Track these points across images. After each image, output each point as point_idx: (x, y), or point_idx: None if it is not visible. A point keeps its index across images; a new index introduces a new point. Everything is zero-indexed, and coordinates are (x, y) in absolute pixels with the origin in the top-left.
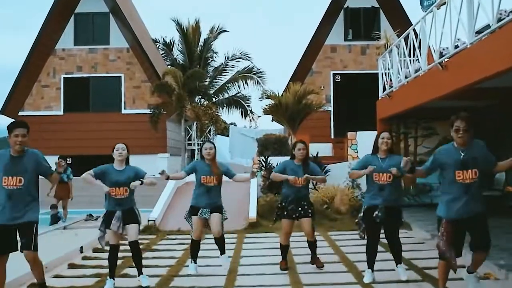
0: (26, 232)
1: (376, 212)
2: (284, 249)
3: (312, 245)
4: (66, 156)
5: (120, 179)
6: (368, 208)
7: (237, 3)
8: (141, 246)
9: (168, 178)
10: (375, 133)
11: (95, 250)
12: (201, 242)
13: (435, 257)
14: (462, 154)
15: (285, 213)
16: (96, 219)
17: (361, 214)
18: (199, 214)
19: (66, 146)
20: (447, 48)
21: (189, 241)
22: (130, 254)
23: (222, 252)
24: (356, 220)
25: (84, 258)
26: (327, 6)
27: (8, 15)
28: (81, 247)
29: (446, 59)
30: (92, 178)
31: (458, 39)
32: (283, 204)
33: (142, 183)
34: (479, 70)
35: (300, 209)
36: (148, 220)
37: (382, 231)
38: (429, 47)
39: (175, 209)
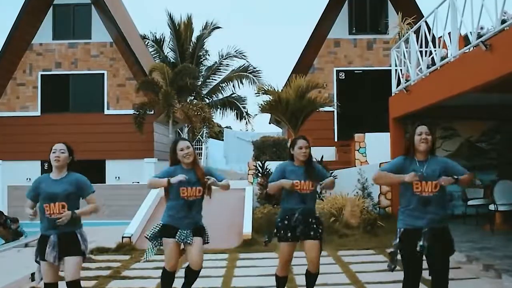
0: None
1: (421, 243)
2: (282, 282)
3: (313, 279)
4: (44, 161)
5: (55, 190)
6: (408, 232)
7: (233, 1)
8: (108, 272)
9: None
10: (385, 134)
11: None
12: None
13: None
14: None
15: (289, 234)
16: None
17: (397, 240)
18: (177, 237)
19: (44, 150)
20: (487, 27)
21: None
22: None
23: None
24: (390, 250)
25: None
26: None
27: None
28: (32, 274)
29: (487, 39)
30: (30, 210)
31: (505, 12)
32: (286, 222)
33: (73, 214)
34: None
35: (307, 229)
36: (123, 237)
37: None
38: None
39: (157, 223)
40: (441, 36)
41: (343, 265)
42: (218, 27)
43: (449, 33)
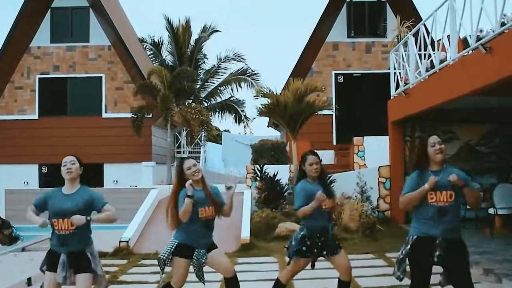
0: None
1: (437, 253)
2: None
3: (347, 286)
4: (42, 165)
5: (65, 206)
6: (421, 239)
7: (231, 4)
8: (106, 276)
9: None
10: (384, 138)
11: None
12: None
13: None
14: None
15: (313, 251)
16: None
17: (408, 247)
18: (195, 258)
19: (41, 154)
20: (487, 30)
21: (167, 268)
22: None
23: None
24: (399, 257)
25: None
26: (329, 0)
27: None
28: (29, 279)
29: (486, 42)
30: (34, 215)
31: (505, 15)
32: (313, 240)
33: (89, 220)
34: None
35: (335, 242)
36: (120, 241)
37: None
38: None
39: (155, 226)
40: (440, 39)
41: None
42: (217, 31)
43: (448, 36)
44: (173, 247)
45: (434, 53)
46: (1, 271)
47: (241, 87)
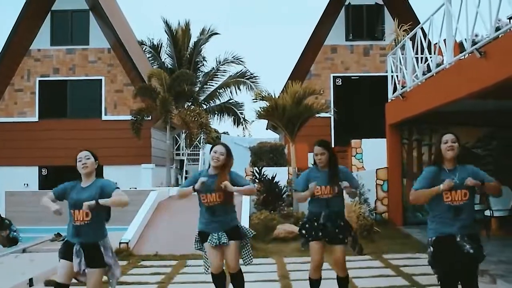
0: None
1: (467, 247)
2: (316, 285)
3: (344, 282)
4: (42, 167)
5: (81, 197)
6: (440, 239)
7: (231, 6)
8: (104, 278)
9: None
10: (382, 140)
11: (48, 283)
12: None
13: None
14: None
15: (318, 233)
16: (64, 240)
17: (430, 249)
18: (209, 241)
19: (41, 156)
20: (482, 35)
21: (167, 269)
22: None
23: None
24: (429, 261)
25: None
26: (327, 3)
27: None
28: (30, 280)
29: (481, 46)
30: (50, 201)
31: (499, 20)
32: (312, 224)
33: (97, 203)
34: None
35: (335, 230)
36: (120, 243)
37: None
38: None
39: (154, 228)
40: (436, 43)
41: None
42: (216, 33)
43: (444, 40)
44: (196, 236)
45: (431, 57)
46: (2, 272)
47: (240, 90)
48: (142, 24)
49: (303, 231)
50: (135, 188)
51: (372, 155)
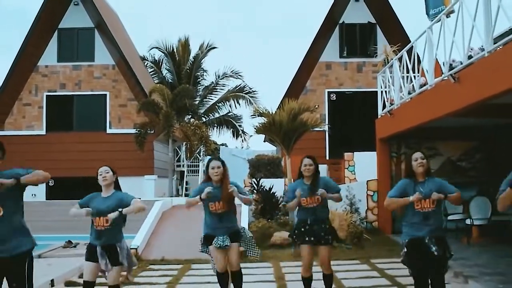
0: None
1: (433, 248)
2: (307, 282)
3: (329, 279)
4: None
5: (101, 207)
6: (412, 241)
7: (229, 22)
8: (120, 279)
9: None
10: (373, 153)
11: (68, 284)
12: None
13: None
14: None
15: (306, 238)
16: (75, 246)
17: (404, 250)
18: (214, 243)
19: (49, 168)
20: (458, 60)
21: (174, 272)
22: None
23: None
24: (402, 260)
25: None
26: (322, 22)
27: None
28: (52, 280)
29: (455, 72)
30: (79, 209)
31: (471, 49)
32: (301, 230)
33: (120, 213)
34: (499, 81)
35: (321, 233)
36: (130, 248)
37: None
38: (435, 60)
39: (160, 235)
40: (419, 64)
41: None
42: (214, 47)
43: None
44: (202, 239)
45: (415, 78)
46: None
47: (239, 104)
48: (143, 38)
49: (294, 236)
50: (140, 198)
51: (363, 168)
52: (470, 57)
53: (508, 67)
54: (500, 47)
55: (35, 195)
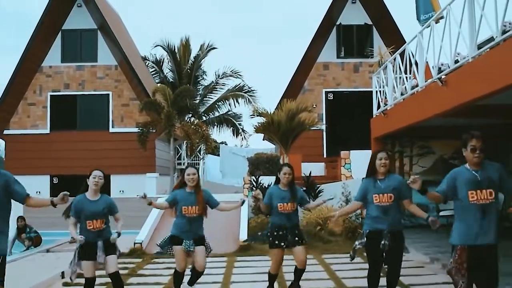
0: None
1: (383, 242)
2: (273, 278)
3: (300, 272)
4: (53, 176)
5: (97, 210)
6: (372, 232)
7: (229, 23)
8: (126, 271)
9: (150, 204)
10: (369, 152)
11: (77, 276)
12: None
13: (435, 283)
14: (477, 175)
15: (280, 243)
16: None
17: (364, 239)
18: (184, 246)
19: (53, 166)
20: (446, 64)
21: None
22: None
23: (192, 284)
24: (355, 246)
25: (65, 284)
26: (320, 23)
27: None
28: (62, 272)
29: (445, 75)
30: (75, 231)
31: (458, 54)
32: (275, 234)
33: (119, 235)
34: (482, 85)
35: (295, 238)
36: (134, 243)
37: None
38: (426, 63)
39: (162, 231)
40: (411, 66)
41: (325, 265)
42: (214, 48)
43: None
44: (168, 238)
45: (407, 79)
46: (37, 267)
47: (238, 103)
48: (145, 38)
49: (271, 239)
50: (137, 196)
51: (359, 165)
52: (456, 61)
53: (490, 72)
54: (483, 53)
55: (39, 192)
